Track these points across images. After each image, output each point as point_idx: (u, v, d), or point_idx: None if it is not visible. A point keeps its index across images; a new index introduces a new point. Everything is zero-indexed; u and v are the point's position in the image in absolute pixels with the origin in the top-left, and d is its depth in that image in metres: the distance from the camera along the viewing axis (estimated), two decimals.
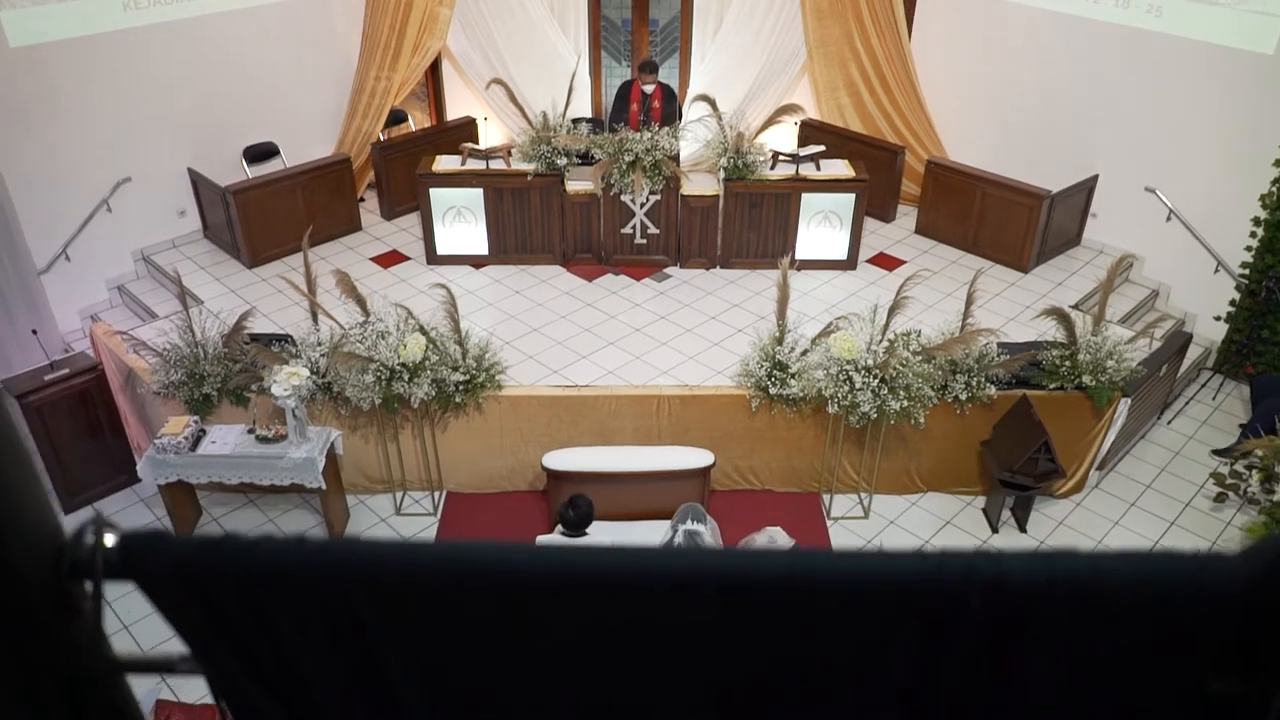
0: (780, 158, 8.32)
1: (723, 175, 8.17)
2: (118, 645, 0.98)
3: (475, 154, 8.38)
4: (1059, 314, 6.52)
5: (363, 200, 9.55)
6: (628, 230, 8.43)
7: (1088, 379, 6.42)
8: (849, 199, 8.24)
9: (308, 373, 5.99)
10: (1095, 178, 8.71)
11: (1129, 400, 6.62)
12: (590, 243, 8.53)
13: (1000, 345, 6.55)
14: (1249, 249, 7.98)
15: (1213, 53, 7.79)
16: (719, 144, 8.16)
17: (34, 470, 0.94)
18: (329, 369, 6.21)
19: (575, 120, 8.67)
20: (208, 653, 0.96)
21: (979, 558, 0.91)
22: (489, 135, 9.94)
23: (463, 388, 6.32)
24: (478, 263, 8.56)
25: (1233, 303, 8.19)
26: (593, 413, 6.62)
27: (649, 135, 7.92)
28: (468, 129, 9.62)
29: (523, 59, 9.58)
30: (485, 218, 8.38)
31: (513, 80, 9.22)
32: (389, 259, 8.75)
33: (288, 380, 5.83)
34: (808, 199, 8.25)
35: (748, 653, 0.93)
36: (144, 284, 8.70)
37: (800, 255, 8.35)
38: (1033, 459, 6.22)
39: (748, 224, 8.38)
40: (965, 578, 0.89)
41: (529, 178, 8.18)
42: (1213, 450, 7.41)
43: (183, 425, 6.09)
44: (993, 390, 6.41)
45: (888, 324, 6.23)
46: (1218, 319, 8.31)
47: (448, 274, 8.27)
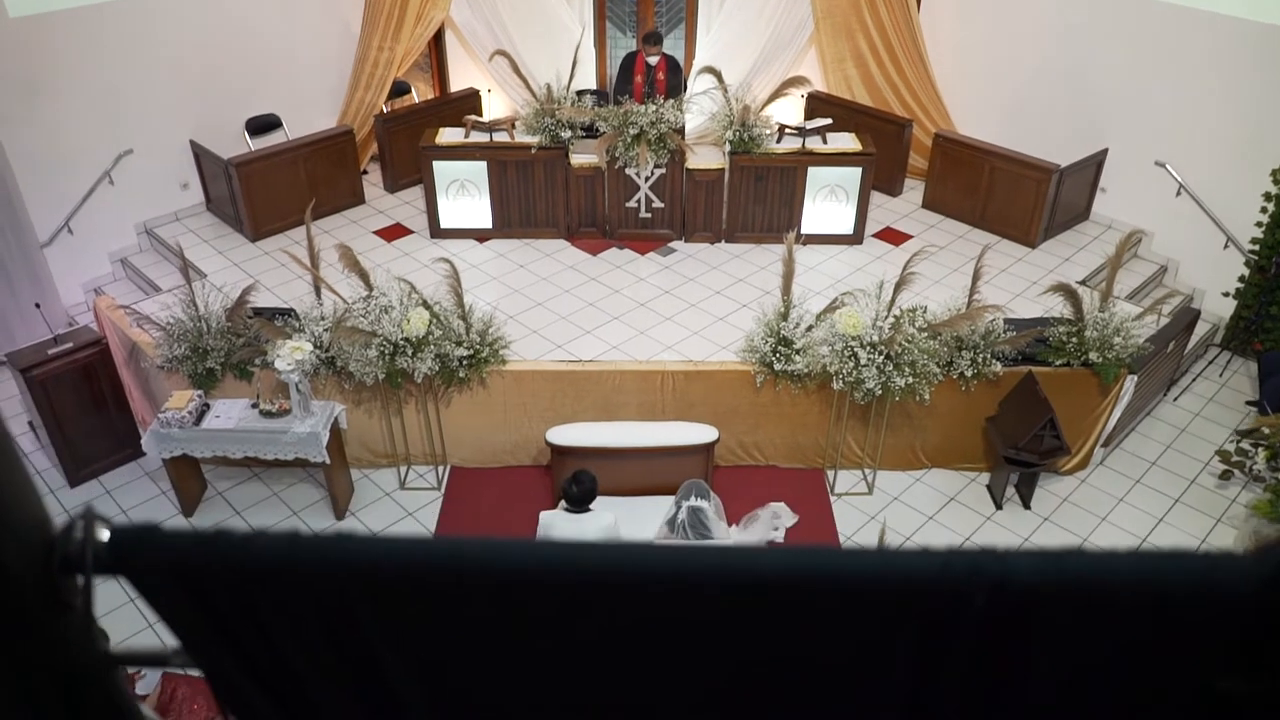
0: (786, 131, 8.25)
1: (728, 148, 8.10)
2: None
3: (479, 126, 8.32)
4: (1066, 290, 6.48)
5: (366, 173, 9.49)
6: (632, 204, 8.37)
7: (1094, 355, 6.38)
8: (855, 173, 8.18)
9: (311, 347, 5.98)
10: (1105, 152, 8.62)
11: (1135, 377, 6.59)
12: (595, 216, 8.48)
13: (1007, 321, 6.50)
14: (1259, 225, 7.90)
15: (1225, 24, 7.68)
16: (724, 117, 8.09)
17: (22, 463, 0.93)
18: (332, 344, 6.20)
19: (580, 92, 8.60)
20: (200, 649, 0.95)
21: (984, 556, 0.89)
22: (493, 107, 9.86)
23: (466, 363, 6.31)
24: (481, 236, 8.52)
25: (1242, 279, 8.13)
26: (597, 388, 6.60)
27: (654, 108, 7.85)
28: (471, 101, 9.54)
29: (527, 30, 9.48)
30: (489, 191, 8.33)
31: (516, 51, 9.13)
32: (392, 232, 8.71)
33: (291, 355, 5.82)
34: (814, 173, 8.18)
35: (750, 651, 0.91)
36: (147, 257, 8.68)
37: (806, 229, 8.29)
38: (1038, 436, 6.20)
39: (753, 198, 8.32)
40: (970, 577, 0.87)
41: (533, 151, 8.12)
42: (1236, 430, 7.37)
43: (186, 399, 6.09)
44: (998, 367, 6.38)
45: (893, 300, 6.20)
46: (1226, 295, 8.25)
47: (451, 248, 8.24)
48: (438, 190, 8.31)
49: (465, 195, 8.35)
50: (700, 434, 6.35)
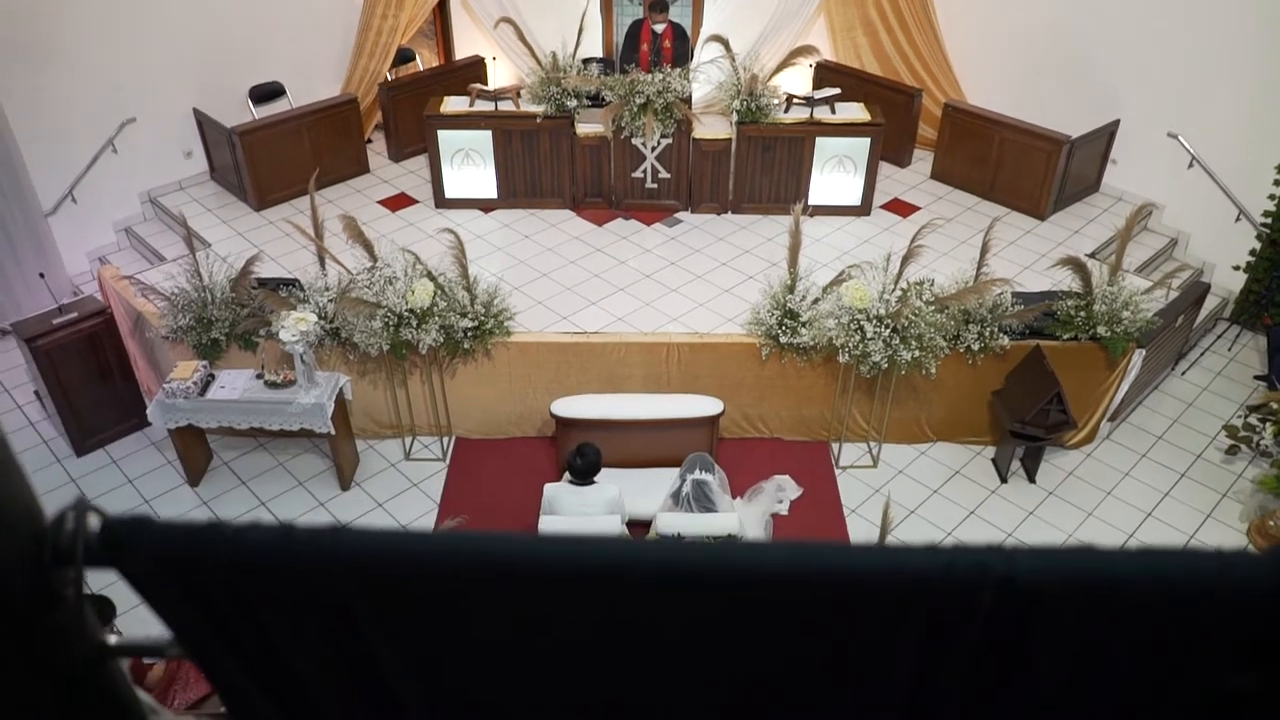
0: (794, 100, 8.15)
1: (735, 118, 8.01)
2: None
3: (484, 95, 8.23)
4: (1075, 263, 6.42)
5: (370, 142, 9.42)
6: (638, 174, 8.31)
7: (1102, 330, 6.33)
8: (864, 143, 8.09)
9: (315, 318, 5.96)
10: (1117, 122, 8.51)
11: (1144, 351, 6.55)
12: (600, 187, 8.42)
13: (1015, 295, 6.46)
14: (1272, 197, 7.81)
15: None
16: (732, 86, 7.99)
17: (13, 454, 0.91)
18: (337, 315, 6.18)
19: (585, 61, 8.49)
20: (195, 642, 0.94)
21: (991, 554, 0.87)
22: (498, 76, 9.76)
23: (471, 334, 6.29)
24: (486, 206, 8.46)
25: (1253, 252, 8.05)
26: (602, 360, 6.59)
27: (660, 77, 7.76)
28: (476, 69, 9.45)
29: None
30: (494, 160, 8.26)
31: (522, 19, 8.99)
32: (397, 202, 8.66)
33: (295, 326, 5.81)
34: (822, 143, 8.09)
35: (752, 649, 0.90)
36: (151, 226, 8.64)
37: (813, 201, 8.22)
38: (1044, 410, 6.18)
39: (760, 168, 8.24)
40: (977, 575, 0.85)
41: (538, 120, 8.04)
42: (1244, 405, 7.33)
43: (191, 370, 6.09)
44: (1006, 340, 6.35)
45: (901, 272, 6.15)
46: (1237, 269, 8.18)
47: (456, 218, 8.20)
48: (443, 160, 8.25)
49: (470, 165, 8.29)
50: (705, 406, 6.33)
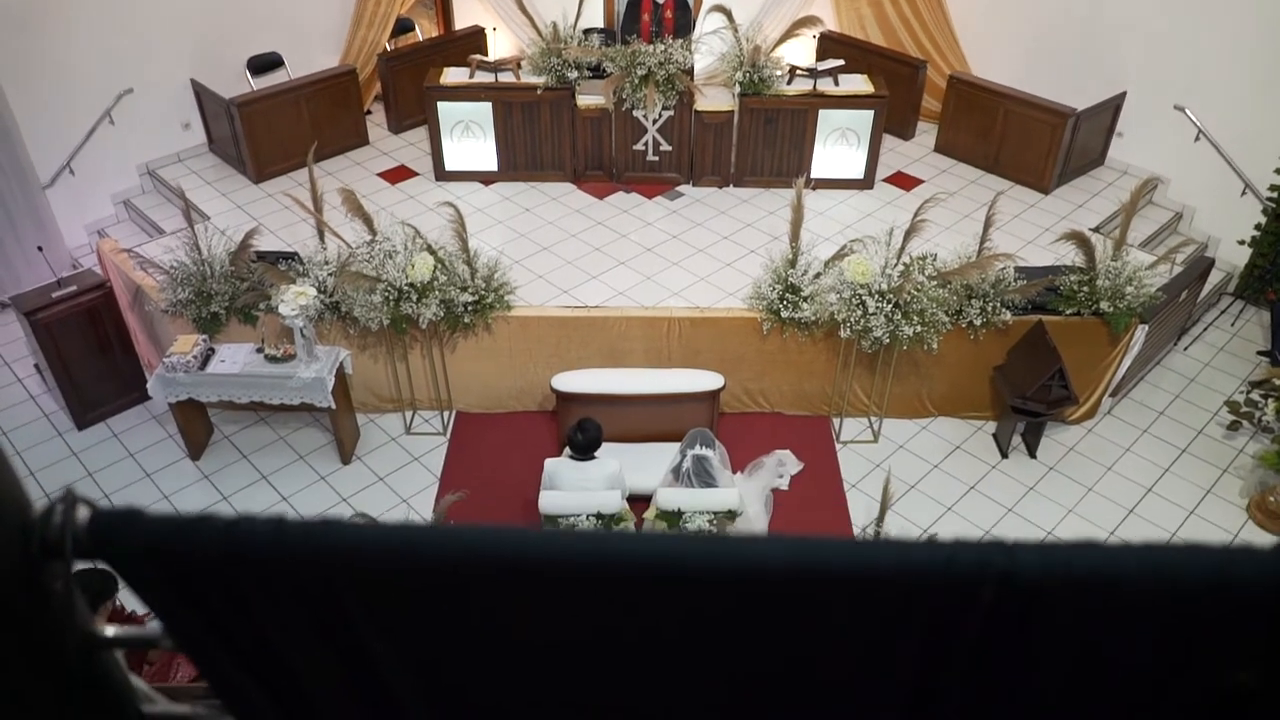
0: (797, 72, 8.07)
1: (738, 90, 7.93)
2: None
3: (484, 66, 8.15)
4: (1079, 238, 6.38)
5: (369, 113, 9.34)
6: (639, 147, 8.24)
7: (1105, 305, 6.31)
8: (867, 116, 8.02)
9: (315, 292, 5.94)
10: (1123, 95, 8.42)
11: (1146, 327, 6.52)
12: (601, 159, 8.36)
13: (1018, 270, 6.42)
14: (1278, 171, 7.75)
15: None
16: (734, 58, 7.90)
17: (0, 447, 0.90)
18: (336, 289, 6.16)
19: (586, 31, 8.39)
20: (185, 635, 0.93)
21: (992, 549, 0.86)
22: (498, 46, 9.66)
23: (471, 308, 6.27)
24: (487, 179, 8.40)
25: (1258, 227, 8.00)
26: (602, 334, 6.57)
27: (662, 48, 7.68)
28: (476, 39, 9.35)
29: None
30: (494, 133, 8.19)
31: None
32: (396, 174, 8.60)
33: (295, 300, 5.79)
34: (825, 115, 8.02)
35: (752, 646, 0.89)
36: (150, 199, 8.59)
37: (816, 174, 8.16)
38: (1046, 385, 6.16)
39: (763, 141, 8.17)
40: (978, 570, 0.84)
41: (539, 91, 7.96)
42: (1247, 380, 7.30)
43: (192, 344, 6.07)
44: (1008, 316, 6.32)
45: (903, 247, 6.11)
46: (1242, 243, 8.12)
47: (456, 190, 8.14)
48: (442, 132, 8.18)
49: (470, 137, 8.22)
50: (706, 381, 6.32)
